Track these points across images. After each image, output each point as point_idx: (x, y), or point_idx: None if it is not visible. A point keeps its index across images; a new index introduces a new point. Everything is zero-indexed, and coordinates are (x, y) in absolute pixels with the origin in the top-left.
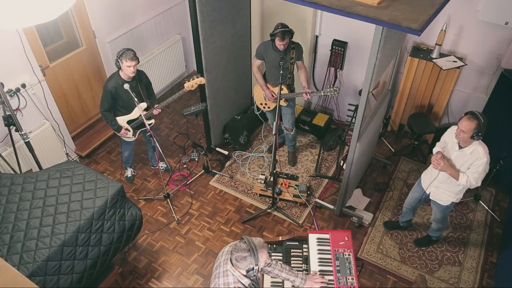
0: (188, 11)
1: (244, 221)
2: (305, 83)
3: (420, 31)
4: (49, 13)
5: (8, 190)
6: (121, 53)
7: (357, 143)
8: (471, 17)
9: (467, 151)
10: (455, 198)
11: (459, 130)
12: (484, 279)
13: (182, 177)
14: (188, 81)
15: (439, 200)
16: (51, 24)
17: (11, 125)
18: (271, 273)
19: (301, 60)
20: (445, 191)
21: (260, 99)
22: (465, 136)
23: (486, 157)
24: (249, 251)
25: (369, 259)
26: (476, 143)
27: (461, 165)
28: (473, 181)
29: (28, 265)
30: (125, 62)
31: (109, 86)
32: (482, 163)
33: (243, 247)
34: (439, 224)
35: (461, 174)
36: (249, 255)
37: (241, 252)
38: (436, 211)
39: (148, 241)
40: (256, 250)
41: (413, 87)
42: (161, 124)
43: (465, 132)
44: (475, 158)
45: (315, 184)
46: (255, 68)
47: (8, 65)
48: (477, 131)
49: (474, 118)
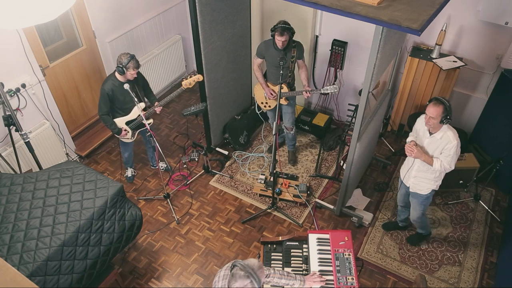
0: (188, 11)
1: (244, 221)
2: (306, 82)
3: (420, 31)
4: (49, 13)
5: (8, 190)
6: (129, 61)
7: (357, 143)
8: (471, 17)
9: (437, 136)
10: (434, 185)
11: (428, 117)
12: (484, 279)
13: (182, 177)
14: (186, 79)
15: (419, 190)
16: (51, 24)
17: (11, 125)
18: (270, 283)
19: (302, 59)
20: (424, 179)
21: (261, 98)
22: (435, 121)
23: (456, 139)
24: (249, 277)
25: (369, 259)
26: (445, 127)
27: (433, 151)
28: (447, 165)
29: (28, 265)
30: (132, 70)
31: (105, 89)
32: (453, 146)
33: (241, 274)
34: (420, 222)
35: (434, 160)
36: (250, 281)
37: (242, 280)
38: (416, 204)
39: (148, 241)
40: (255, 274)
41: (413, 87)
42: (161, 124)
43: (434, 118)
44: (446, 142)
45: (315, 184)
46: (256, 67)
47: (8, 65)
48: (445, 115)
49: (439, 103)
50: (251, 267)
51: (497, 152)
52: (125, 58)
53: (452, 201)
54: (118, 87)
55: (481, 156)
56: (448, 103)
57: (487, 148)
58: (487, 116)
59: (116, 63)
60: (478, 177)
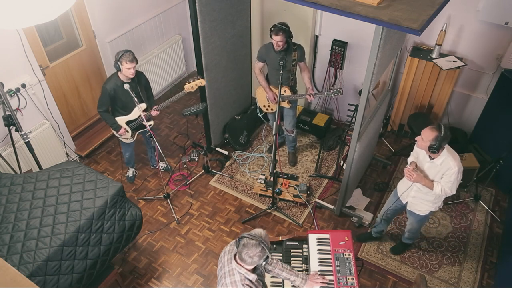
0: (188, 11)
1: (244, 221)
2: (309, 84)
3: (420, 31)
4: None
5: (8, 190)
6: (121, 55)
7: (357, 143)
8: (471, 17)
9: (437, 162)
10: (433, 207)
11: (419, 137)
12: (484, 279)
13: (182, 177)
14: (188, 83)
15: (416, 210)
16: (51, 24)
17: (11, 125)
18: (271, 272)
19: (303, 61)
20: (423, 201)
21: (263, 101)
22: (423, 144)
23: (457, 166)
24: (260, 245)
25: (369, 259)
26: (446, 153)
27: (434, 176)
28: (448, 190)
29: (28, 265)
30: (125, 64)
31: (107, 88)
32: (454, 173)
33: (252, 243)
34: (412, 234)
35: (435, 184)
36: (262, 248)
37: (254, 248)
38: (413, 221)
39: (148, 241)
40: (265, 241)
41: (413, 87)
42: (161, 124)
43: (423, 141)
44: (446, 168)
45: (315, 184)
46: (257, 71)
47: (8, 65)
48: (433, 143)
49: (436, 129)
50: (259, 235)
51: (497, 152)
52: (120, 53)
53: (452, 201)
54: (120, 87)
55: (481, 156)
56: (444, 134)
57: (487, 148)
58: (487, 116)
59: None
60: (478, 177)
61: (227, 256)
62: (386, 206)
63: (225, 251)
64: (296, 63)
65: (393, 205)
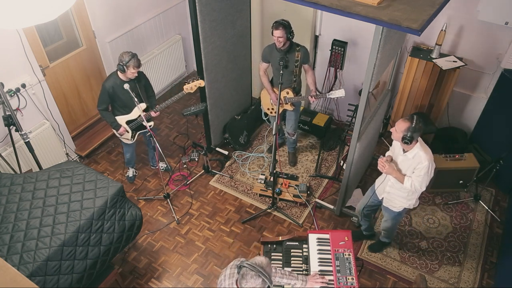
0: (188, 11)
1: (244, 221)
2: (313, 87)
3: (420, 31)
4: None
5: (8, 190)
6: (129, 60)
7: (357, 143)
8: (471, 17)
9: (409, 156)
10: (407, 204)
11: (394, 128)
12: (484, 279)
13: (182, 177)
14: (188, 83)
15: (391, 206)
16: (51, 24)
17: (11, 125)
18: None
19: (307, 63)
20: (396, 197)
21: (267, 104)
22: (396, 135)
23: (428, 161)
24: (260, 277)
25: (369, 259)
26: (418, 147)
27: (406, 169)
28: (417, 185)
29: (28, 265)
30: (132, 69)
31: (106, 86)
32: (424, 167)
33: (252, 274)
34: (388, 232)
35: (406, 178)
36: (262, 280)
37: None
38: (388, 218)
39: (148, 241)
40: (265, 272)
41: (413, 87)
42: (161, 124)
43: (396, 132)
44: (417, 162)
45: (315, 184)
46: (262, 72)
47: (8, 65)
48: (405, 134)
49: (408, 120)
50: (260, 265)
51: (497, 152)
52: (127, 56)
53: (452, 201)
54: (119, 86)
55: (481, 156)
56: (417, 125)
57: (487, 148)
58: (487, 116)
59: (118, 61)
60: (478, 177)
61: (228, 281)
62: (363, 200)
63: (226, 275)
64: (300, 65)
65: (369, 201)
